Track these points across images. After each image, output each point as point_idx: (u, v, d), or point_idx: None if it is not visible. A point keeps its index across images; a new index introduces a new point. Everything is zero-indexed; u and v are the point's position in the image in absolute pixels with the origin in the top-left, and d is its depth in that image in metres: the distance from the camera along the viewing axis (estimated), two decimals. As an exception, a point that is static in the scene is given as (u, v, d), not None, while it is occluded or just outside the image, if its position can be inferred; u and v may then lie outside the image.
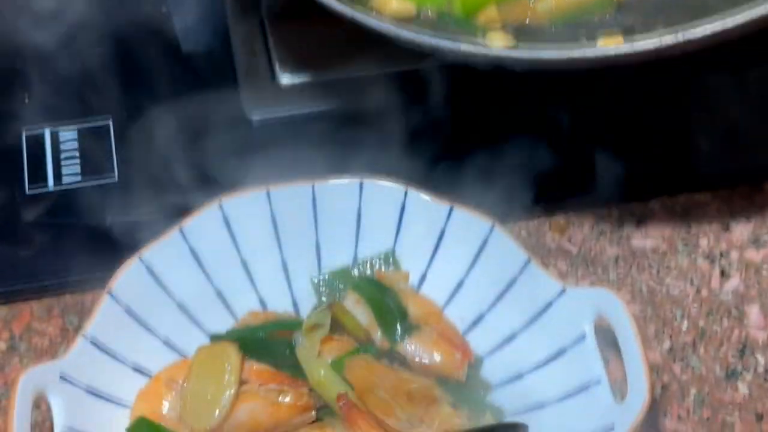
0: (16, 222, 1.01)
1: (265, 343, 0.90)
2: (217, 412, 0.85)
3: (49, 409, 0.84)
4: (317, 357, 0.88)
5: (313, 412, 0.87)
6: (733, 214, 1.03)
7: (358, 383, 0.83)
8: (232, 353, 0.87)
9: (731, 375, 0.94)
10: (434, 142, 1.03)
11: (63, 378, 0.84)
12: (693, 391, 0.94)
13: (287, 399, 0.86)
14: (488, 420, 0.89)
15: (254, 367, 0.88)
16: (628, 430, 0.80)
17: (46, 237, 1.01)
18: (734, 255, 1.01)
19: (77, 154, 1.01)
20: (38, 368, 0.83)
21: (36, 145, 1.03)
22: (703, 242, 1.03)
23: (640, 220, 1.05)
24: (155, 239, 0.93)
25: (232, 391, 0.85)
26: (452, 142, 1.04)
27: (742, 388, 0.93)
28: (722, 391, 0.93)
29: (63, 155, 1.00)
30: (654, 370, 0.94)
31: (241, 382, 0.86)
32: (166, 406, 0.88)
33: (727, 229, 1.03)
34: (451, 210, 0.95)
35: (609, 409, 0.83)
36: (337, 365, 0.88)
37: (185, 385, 0.87)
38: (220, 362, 0.87)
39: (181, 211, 0.95)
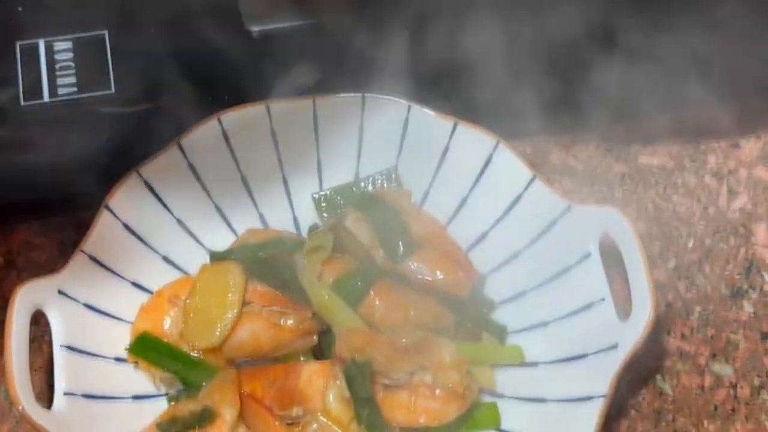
0: (11, 135, 0.99)
1: (267, 263, 0.89)
2: (218, 331, 0.85)
3: (47, 325, 0.83)
4: (319, 279, 0.87)
5: (315, 337, 0.87)
6: (743, 131, 1.02)
7: (354, 355, 0.82)
8: (236, 273, 0.86)
9: (736, 294, 0.93)
10: (440, 57, 1.00)
11: (61, 293, 0.84)
12: (697, 309, 0.93)
13: (290, 322, 0.86)
14: (487, 342, 0.89)
15: (258, 288, 0.87)
16: (632, 348, 0.80)
17: (43, 151, 1.00)
18: (743, 172, 1.00)
19: (73, 66, 0.98)
20: (36, 283, 0.82)
21: (31, 57, 1.01)
22: (711, 159, 1.01)
23: (647, 137, 1.04)
24: (153, 154, 0.91)
25: (235, 311, 0.85)
26: (455, 57, 1.01)
27: (747, 307, 0.92)
28: (727, 309, 0.93)
29: (58, 67, 0.98)
30: (658, 288, 0.93)
31: (244, 303, 0.86)
32: (167, 322, 0.88)
33: (736, 146, 1.02)
34: (455, 126, 0.93)
35: (613, 327, 0.82)
36: (339, 285, 0.87)
37: (188, 302, 0.86)
38: (224, 282, 0.86)
39: (179, 125, 0.93)
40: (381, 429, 0.80)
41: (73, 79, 0.97)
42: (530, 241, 0.90)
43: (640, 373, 0.90)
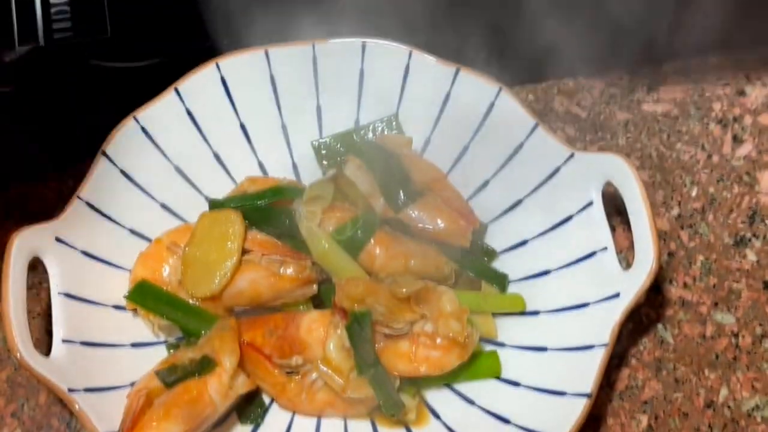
0: (6, 79, 0.98)
1: (266, 212, 0.88)
2: (217, 279, 0.84)
3: (45, 272, 0.83)
4: (319, 228, 0.86)
5: (315, 286, 0.86)
6: (749, 78, 1.00)
7: (354, 305, 0.81)
8: (236, 221, 0.86)
9: (740, 242, 0.93)
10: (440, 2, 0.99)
11: (58, 240, 0.83)
12: (700, 258, 0.92)
13: (289, 271, 0.85)
14: (486, 292, 0.89)
15: (257, 237, 0.87)
16: (633, 297, 0.79)
17: (38, 96, 0.98)
18: (748, 119, 0.98)
19: (68, 9, 0.96)
20: (33, 229, 0.82)
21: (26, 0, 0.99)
22: (716, 106, 1.00)
23: (652, 84, 1.02)
24: (150, 100, 0.90)
25: (234, 259, 0.84)
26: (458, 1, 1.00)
27: (750, 256, 0.92)
28: (730, 258, 0.92)
29: (54, 10, 0.96)
30: (661, 237, 0.93)
31: (244, 252, 0.85)
32: (166, 270, 0.87)
33: (741, 93, 1.00)
34: (456, 72, 0.92)
35: (615, 276, 0.82)
36: (339, 234, 0.86)
37: (187, 250, 0.86)
38: (223, 230, 0.86)
39: (177, 70, 0.92)
40: (381, 378, 0.80)
41: (68, 24, 0.95)
42: (532, 189, 0.90)
43: (642, 322, 0.90)
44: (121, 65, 0.96)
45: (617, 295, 0.80)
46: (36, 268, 0.93)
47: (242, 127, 0.94)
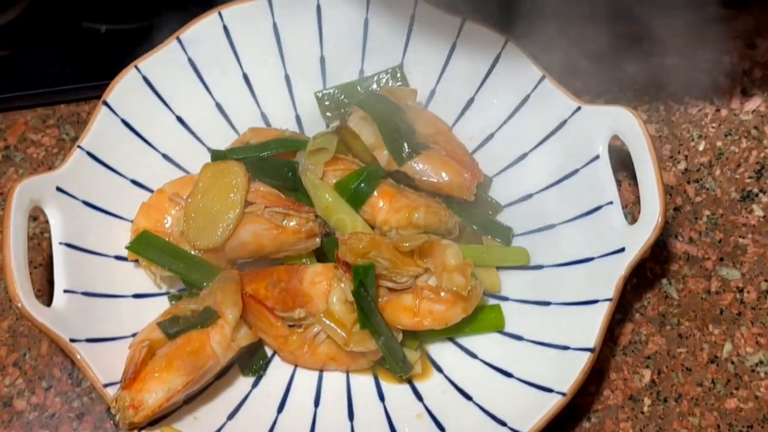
0: (5, 25, 0.97)
1: (269, 163, 0.87)
2: (220, 230, 0.84)
3: (46, 222, 0.82)
4: (322, 180, 0.86)
5: (318, 239, 0.86)
6: (760, 30, 0.99)
7: (357, 259, 0.81)
8: (239, 173, 0.85)
9: (746, 197, 0.92)
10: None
11: (59, 190, 0.83)
12: (706, 213, 0.92)
13: (292, 223, 0.85)
14: (490, 245, 0.88)
15: (260, 189, 0.86)
16: (639, 252, 0.79)
17: (39, 43, 0.97)
18: (757, 73, 0.97)
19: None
20: (34, 179, 0.81)
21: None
22: (726, 59, 0.99)
23: (662, 36, 1.01)
24: (152, 48, 0.89)
25: (237, 210, 0.84)
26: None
27: (757, 211, 0.91)
28: (736, 213, 0.91)
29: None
30: (667, 191, 0.92)
31: (246, 204, 0.85)
32: (168, 221, 0.87)
33: (752, 46, 0.99)
34: (462, 23, 0.91)
35: (620, 231, 0.81)
36: (342, 186, 0.86)
37: (189, 201, 0.85)
38: (226, 181, 0.85)
39: (179, 19, 0.91)
40: (384, 332, 0.80)
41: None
42: (538, 142, 0.89)
43: (646, 277, 0.89)
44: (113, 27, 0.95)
45: (622, 250, 0.80)
46: (37, 218, 0.93)
47: (245, 77, 0.93)
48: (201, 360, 0.79)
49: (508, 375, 0.81)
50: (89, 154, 0.85)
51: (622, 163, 0.88)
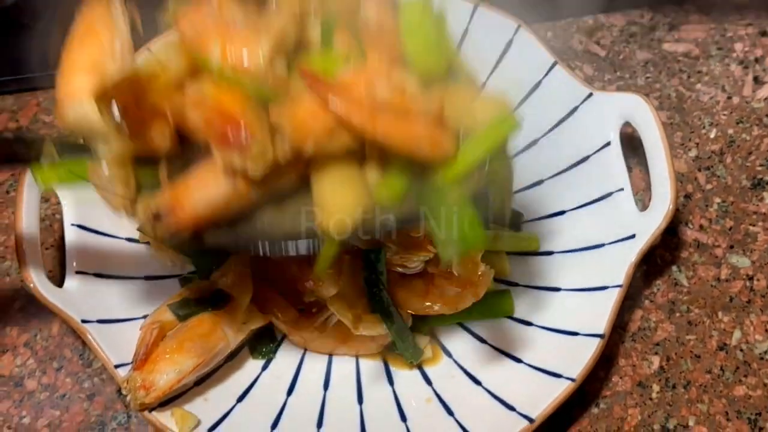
0: (20, 9, 0.97)
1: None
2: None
3: (58, 204, 0.83)
4: None
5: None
6: (773, 18, 0.99)
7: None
8: None
9: (757, 185, 0.92)
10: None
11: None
12: (717, 200, 0.92)
13: None
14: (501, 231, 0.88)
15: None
16: (649, 238, 0.79)
17: (52, 23, 0.97)
18: (770, 61, 0.97)
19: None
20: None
21: None
22: (738, 47, 0.98)
23: (673, 23, 1.01)
24: (162, 32, 0.89)
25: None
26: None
27: (768, 199, 0.91)
28: (747, 201, 0.91)
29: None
30: (678, 179, 0.92)
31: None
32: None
33: (764, 33, 0.98)
34: (474, 9, 0.91)
35: (630, 217, 0.81)
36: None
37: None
38: None
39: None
40: (395, 317, 0.80)
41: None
42: (549, 128, 0.89)
43: (656, 264, 0.89)
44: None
45: (632, 237, 0.80)
46: (49, 200, 0.93)
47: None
48: (212, 342, 0.79)
49: (518, 360, 0.81)
50: (101, 136, 0.85)
51: (633, 150, 0.88)
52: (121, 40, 0.64)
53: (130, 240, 0.86)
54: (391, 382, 0.84)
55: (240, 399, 0.82)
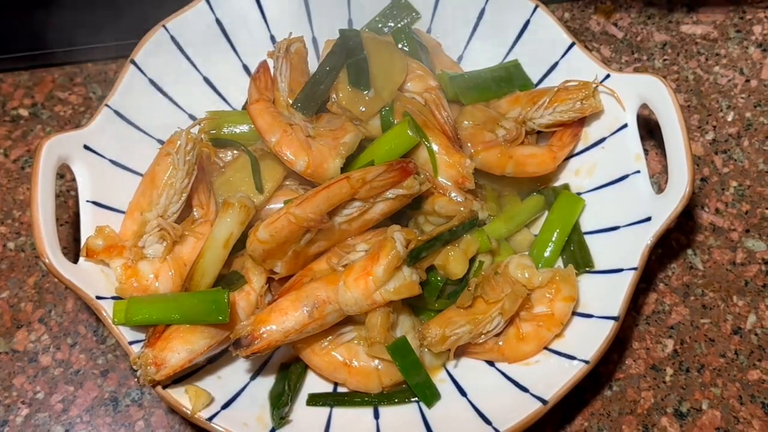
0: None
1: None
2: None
3: (73, 180, 0.82)
4: None
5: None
6: (793, 1, 0.98)
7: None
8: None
9: (774, 169, 0.91)
10: None
11: (87, 148, 0.83)
12: (733, 184, 0.91)
13: None
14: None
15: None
16: (665, 221, 0.78)
17: (68, 2, 0.97)
18: (789, 45, 0.96)
19: None
20: (62, 136, 0.81)
21: None
22: (757, 29, 0.98)
23: (692, 4, 1.00)
24: (181, 8, 0.89)
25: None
26: None
27: (785, 183, 0.91)
28: (764, 184, 0.91)
29: None
30: (694, 162, 0.91)
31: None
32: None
33: (783, 16, 0.98)
34: (492, -13, 0.90)
35: (647, 200, 0.81)
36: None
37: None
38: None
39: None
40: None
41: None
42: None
43: (672, 247, 0.89)
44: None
45: (648, 219, 0.80)
46: (64, 176, 0.93)
47: (272, 38, 0.93)
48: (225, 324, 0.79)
49: (532, 342, 0.81)
50: (116, 112, 0.85)
51: (650, 133, 0.88)
52: None
53: (144, 217, 0.86)
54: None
55: (253, 377, 0.82)
